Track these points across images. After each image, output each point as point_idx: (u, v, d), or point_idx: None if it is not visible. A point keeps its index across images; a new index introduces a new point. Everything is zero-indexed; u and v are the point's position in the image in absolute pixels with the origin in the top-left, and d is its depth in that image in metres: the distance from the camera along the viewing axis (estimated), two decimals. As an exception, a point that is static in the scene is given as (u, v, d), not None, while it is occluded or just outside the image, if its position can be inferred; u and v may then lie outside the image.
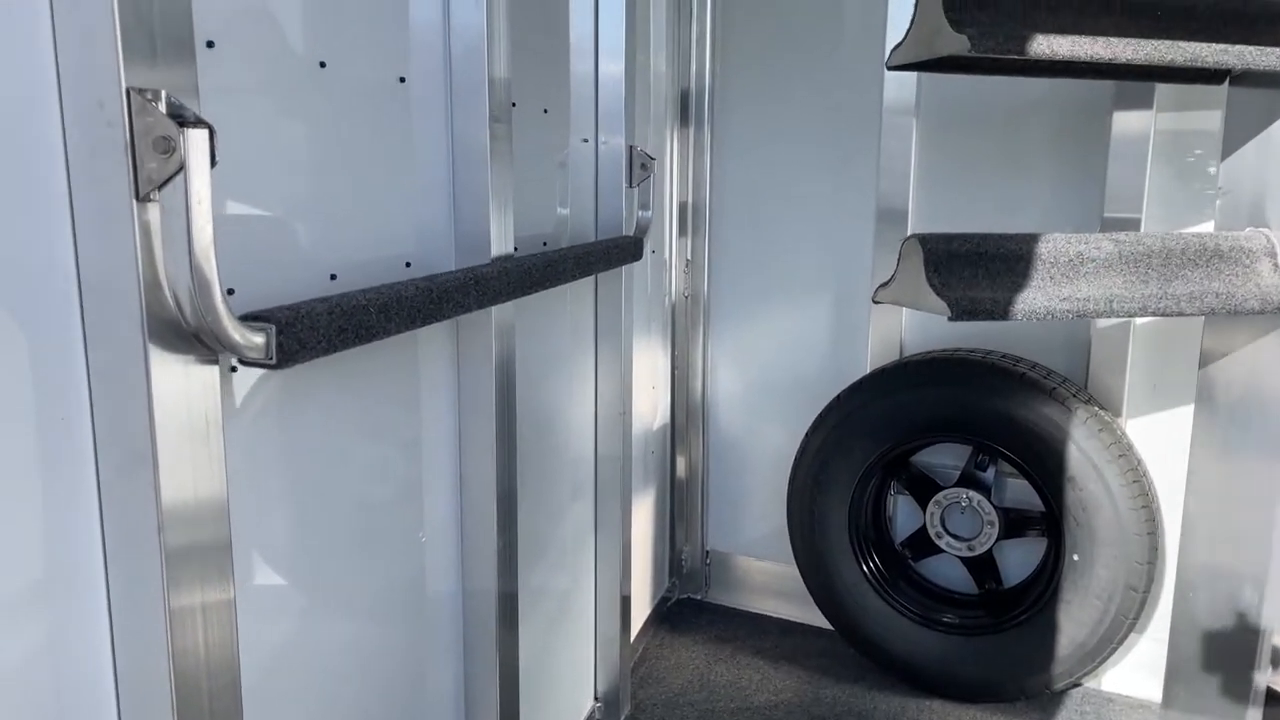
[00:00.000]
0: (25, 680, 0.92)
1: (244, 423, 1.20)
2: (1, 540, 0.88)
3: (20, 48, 0.87)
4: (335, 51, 1.30)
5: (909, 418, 2.65)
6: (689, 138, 3.15)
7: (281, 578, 1.30)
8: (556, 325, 2.21)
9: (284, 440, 1.28)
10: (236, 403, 1.19)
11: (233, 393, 1.18)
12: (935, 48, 1.86)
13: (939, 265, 1.92)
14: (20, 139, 0.88)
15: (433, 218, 1.58)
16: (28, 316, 0.90)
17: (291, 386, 1.28)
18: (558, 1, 2.14)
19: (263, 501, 1.25)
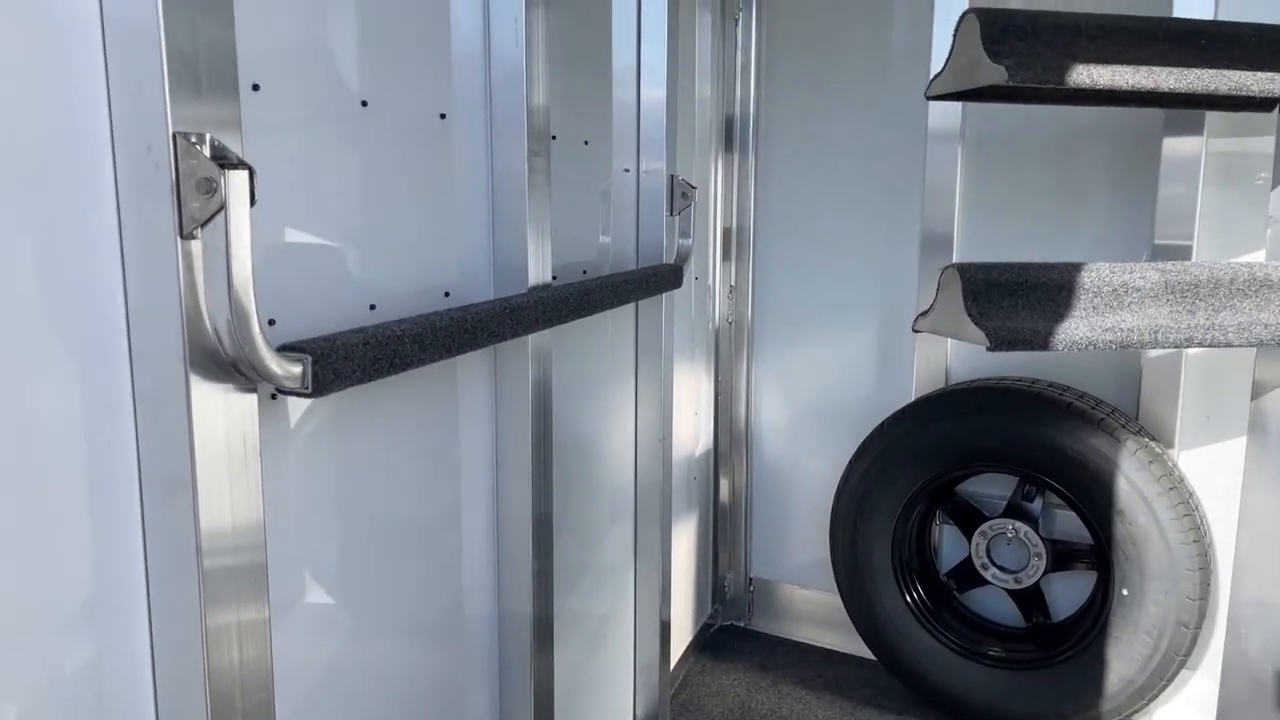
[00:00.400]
0: (70, 694, 0.96)
1: (285, 448, 1.24)
2: (49, 559, 0.93)
3: (78, 94, 0.93)
4: (377, 91, 1.35)
5: (953, 447, 2.62)
6: (733, 163, 3.17)
7: (318, 599, 1.33)
8: (596, 351, 2.24)
9: (324, 464, 1.32)
10: (278, 428, 1.23)
11: (276, 418, 1.22)
12: (974, 78, 1.86)
13: (978, 295, 1.91)
14: (77, 178, 0.93)
15: (472, 248, 1.63)
16: (79, 344, 0.95)
17: (333, 412, 1.33)
18: (600, 37, 2.19)
19: (303, 524, 1.29)
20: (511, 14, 1.59)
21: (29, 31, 0.89)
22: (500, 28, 1.60)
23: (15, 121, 0.88)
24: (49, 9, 0.90)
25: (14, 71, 0.88)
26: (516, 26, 1.59)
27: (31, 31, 0.89)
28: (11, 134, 0.88)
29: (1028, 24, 1.82)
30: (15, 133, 0.88)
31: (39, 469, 0.91)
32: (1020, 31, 1.82)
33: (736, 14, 3.08)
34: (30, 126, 0.89)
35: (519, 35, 1.59)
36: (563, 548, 2.07)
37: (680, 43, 2.73)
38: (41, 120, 0.90)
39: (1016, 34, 1.82)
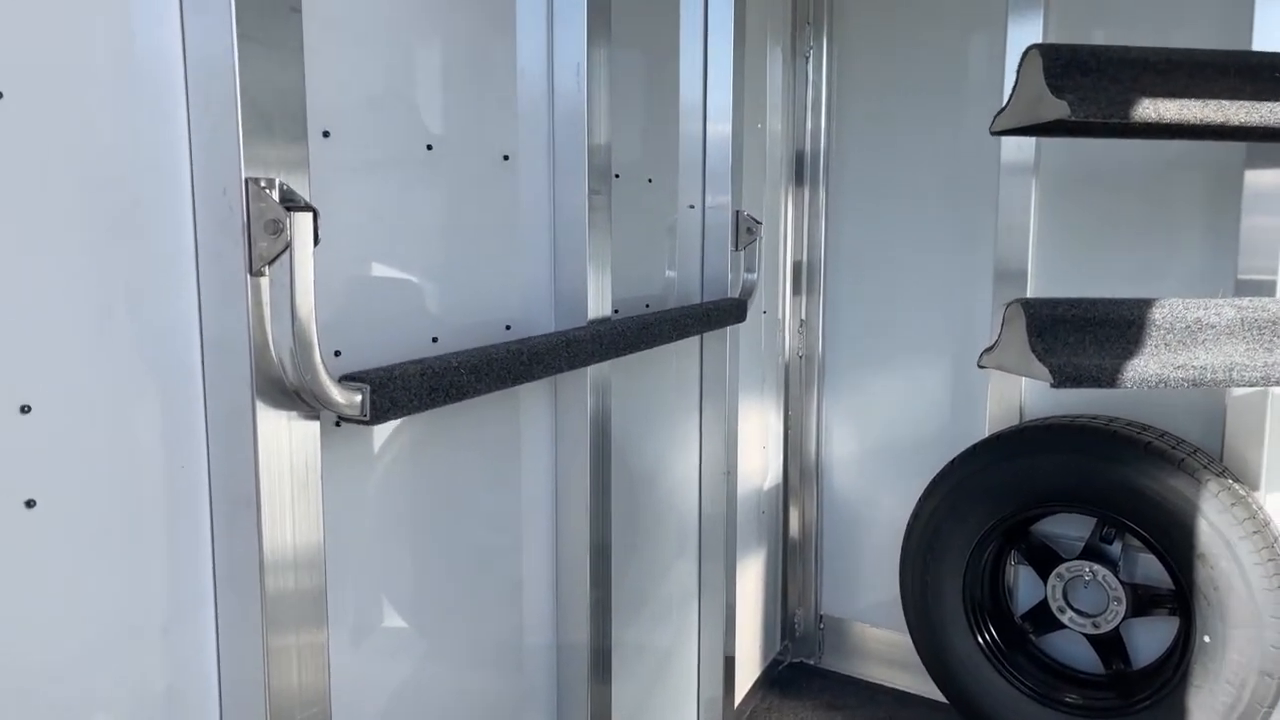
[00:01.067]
0: (143, 703, 1.03)
1: (353, 474, 1.31)
2: (127, 574, 1.00)
3: (164, 141, 1.02)
4: (441, 135, 1.43)
5: (1027, 486, 2.57)
6: (804, 198, 3.19)
7: (380, 621, 1.39)
8: (661, 384, 2.27)
9: (390, 491, 1.38)
10: (347, 454, 1.30)
11: (345, 445, 1.29)
12: (1037, 113, 1.86)
13: (1042, 330, 1.89)
14: (161, 218, 1.02)
15: (534, 283, 1.68)
16: (160, 371, 1.03)
17: (400, 441, 1.39)
18: (665, 77, 2.25)
19: (368, 548, 1.35)
20: (574, 60, 1.66)
21: (125, 83, 0.97)
22: (563, 73, 1.67)
23: (110, 166, 0.97)
24: (142, 63, 0.99)
25: (111, 120, 0.96)
26: (579, 72, 1.66)
27: (126, 84, 0.98)
28: (107, 176, 0.96)
29: (1092, 59, 1.81)
30: (110, 175, 0.97)
31: (121, 487, 0.99)
32: (1084, 66, 1.81)
33: (807, 50, 3.11)
34: (123, 170, 0.98)
35: (580, 80, 1.66)
36: (624, 579, 2.10)
37: (750, 79, 2.77)
38: (132, 165, 0.99)
39: (1080, 69, 1.81)
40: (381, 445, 1.37)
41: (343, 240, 1.26)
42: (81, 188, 0.94)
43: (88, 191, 0.95)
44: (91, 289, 0.96)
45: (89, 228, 0.95)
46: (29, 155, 0.89)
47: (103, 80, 0.96)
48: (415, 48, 1.38)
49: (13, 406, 0.88)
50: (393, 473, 1.40)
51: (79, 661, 0.96)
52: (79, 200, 0.94)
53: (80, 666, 0.96)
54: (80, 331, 0.94)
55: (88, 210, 0.95)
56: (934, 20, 2.95)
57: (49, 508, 0.91)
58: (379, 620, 1.39)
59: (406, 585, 1.44)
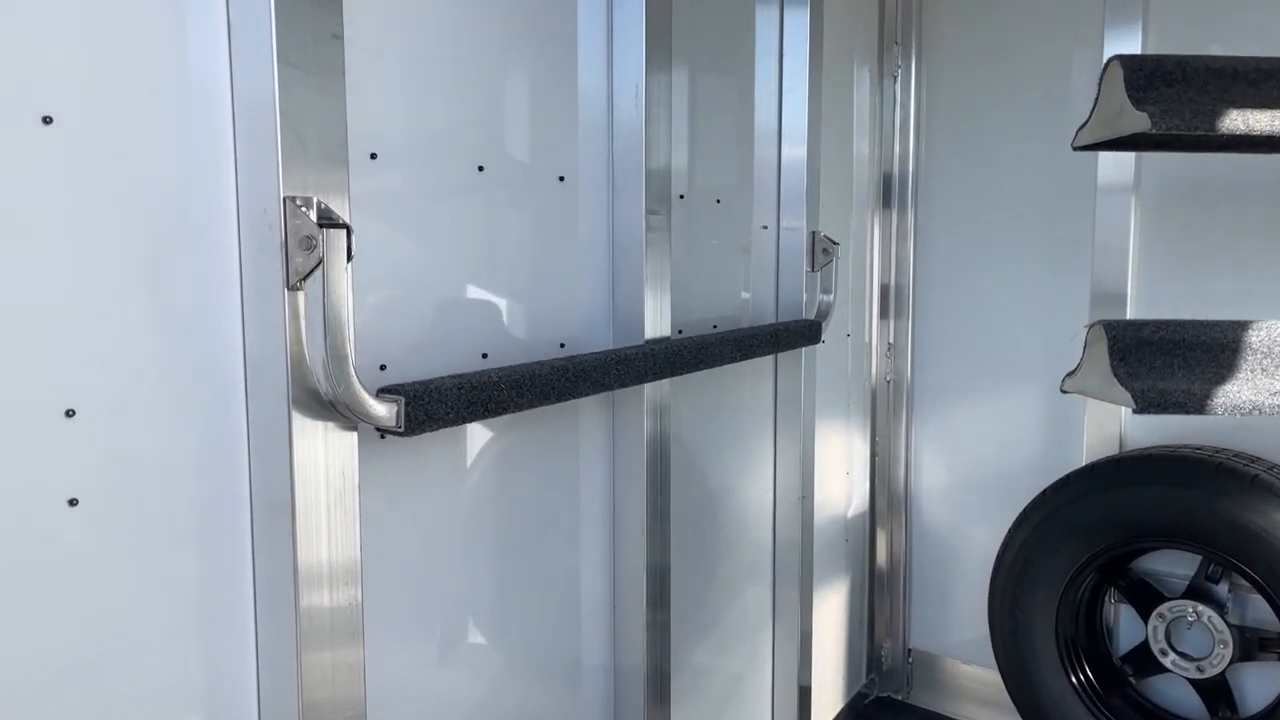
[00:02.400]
0: (179, 698, 1.08)
1: (403, 486, 1.34)
2: (163, 574, 1.05)
3: (211, 164, 1.08)
4: (493, 157, 1.46)
5: (1123, 520, 2.43)
6: (891, 219, 3.13)
7: (429, 636, 1.42)
8: (732, 405, 2.26)
9: (444, 504, 1.41)
10: (396, 466, 1.33)
11: (396, 458, 1.32)
12: (1118, 126, 1.78)
13: (1125, 354, 1.80)
14: (207, 236, 1.08)
15: (591, 303, 1.70)
16: (202, 380, 1.08)
17: (454, 453, 1.42)
18: (738, 99, 2.24)
19: (419, 559, 1.38)
20: (633, 82, 1.68)
21: (176, 108, 1.04)
22: (622, 94, 1.69)
23: (161, 186, 1.03)
24: (193, 90, 1.05)
25: (162, 144, 1.03)
26: (637, 94, 1.67)
27: (178, 109, 1.04)
28: (157, 195, 1.03)
29: (1177, 69, 1.72)
30: (160, 195, 1.03)
31: (162, 490, 1.04)
32: (1168, 77, 1.72)
33: (895, 70, 3.06)
34: (173, 189, 1.04)
35: (639, 102, 1.67)
36: (688, 601, 2.08)
37: (835, 100, 2.75)
38: (181, 185, 1.05)
39: (1164, 79, 1.73)
40: (437, 459, 1.40)
41: (390, 258, 1.30)
42: (133, 206, 1.01)
43: (138, 210, 1.01)
44: (139, 301, 1.02)
45: (139, 244, 1.01)
46: (83, 175, 0.96)
47: (155, 106, 1.02)
48: (469, 71, 1.42)
49: (58, 410, 0.94)
50: (448, 486, 1.43)
51: (117, 657, 1.01)
52: (130, 218, 1.00)
53: (118, 662, 1.02)
54: (127, 340, 1.01)
55: (138, 227, 1.01)
56: (1028, 37, 2.86)
57: (90, 507, 0.97)
58: (430, 634, 1.42)
59: (460, 599, 1.46)
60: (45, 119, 0.92)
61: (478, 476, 1.49)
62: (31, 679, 0.94)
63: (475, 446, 1.49)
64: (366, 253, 1.24)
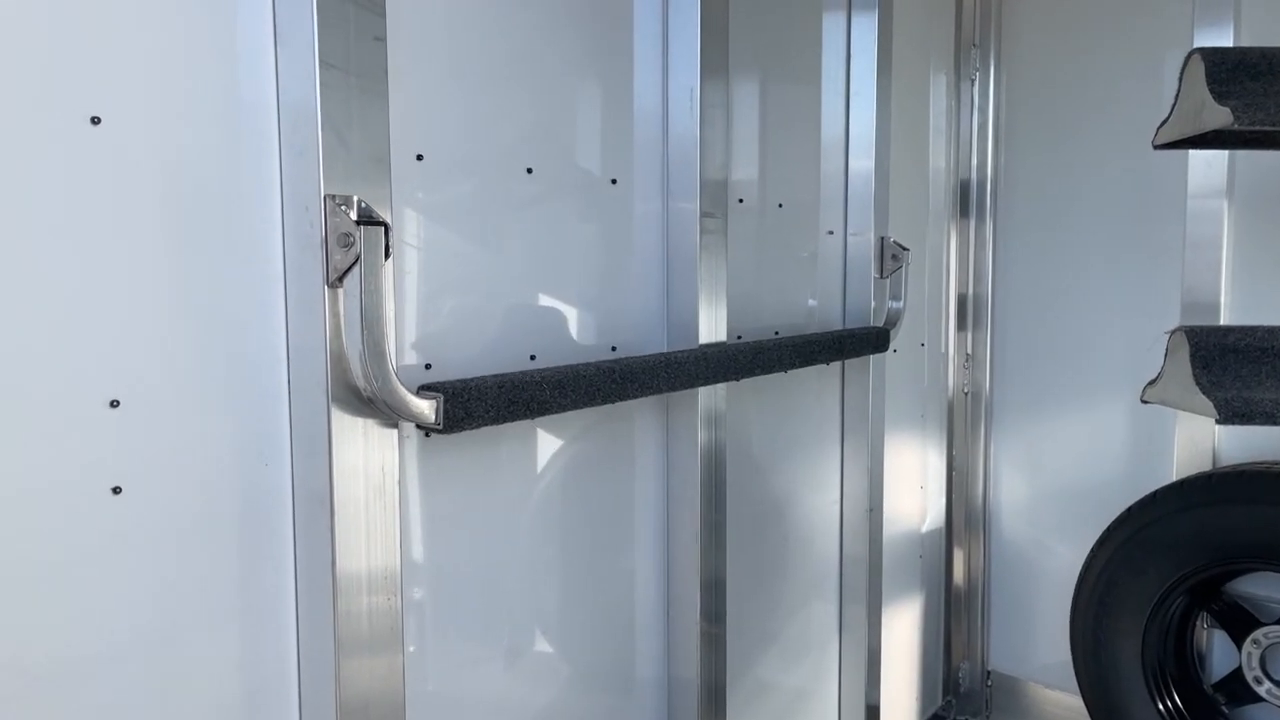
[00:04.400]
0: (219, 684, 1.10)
1: (454, 485, 1.35)
2: (205, 562, 1.08)
3: (258, 165, 1.11)
4: (542, 159, 1.47)
5: (1216, 540, 2.30)
6: (969, 227, 3.04)
7: (477, 636, 1.42)
8: (796, 413, 2.21)
9: (496, 505, 1.42)
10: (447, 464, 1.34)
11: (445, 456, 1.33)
12: (1200, 122, 1.70)
13: (1209, 362, 1.71)
14: (253, 234, 1.11)
15: (643, 307, 1.69)
16: (247, 374, 1.11)
17: (506, 454, 1.43)
18: (803, 103, 2.21)
19: (468, 561, 1.38)
20: (687, 85, 1.67)
21: (223, 109, 1.07)
22: (677, 98, 1.68)
23: (208, 184, 1.06)
24: (241, 92, 1.09)
25: (211, 145, 1.06)
26: (692, 97, 1.66)
27: (224, 109, 1.07)
28: (205, 194, 1.06)
29: (1262, 61, 1.63)
30: (208, 193, 1.06)
31: (204, 480, 1.07)
32: (1253, 70, 1.63)
33: (972, 74, 2.98)
34: (221, 188, 1.07)
35: (694, 105, 1.66)
36: (748, 614, 2.04)
37: (910, 105, 2.69)
38: (229, 184, 1.08)
39: (1249, 73, 1.64)
40: (490, 463, 1.41)
41: (437, 259, 1.31)
42: (179, 204, 1.04)
43: (185, 207, 1.04)
44: (184, 296, 1.05)
45: (184, 240, 1.04)
46: (130, 174, 0.99)
47: (202, 106, 1.05)
48: (518, 73, 1.43)
49: (102, 400, 0.97)
50: (500, 491, 1.43)
51: (158, 646, 1.04)
52: (176, 215, 1.04)
53: (159, 647, 1.04)
54: (171, 334, 1.04)
55: (184, 224, 1.04)
56: (1113, 36, 2.75)
57: (134, 495, 1.00)
58: (476, 637, 1.42)
59: (509, 605, 1.47)
60: (94, 119, 0.96)
61: (531, 480, 1.49)
62: (74, 664, 0.97)
63: (530, 450, 1.49)
64: (413, 253, 1.25)
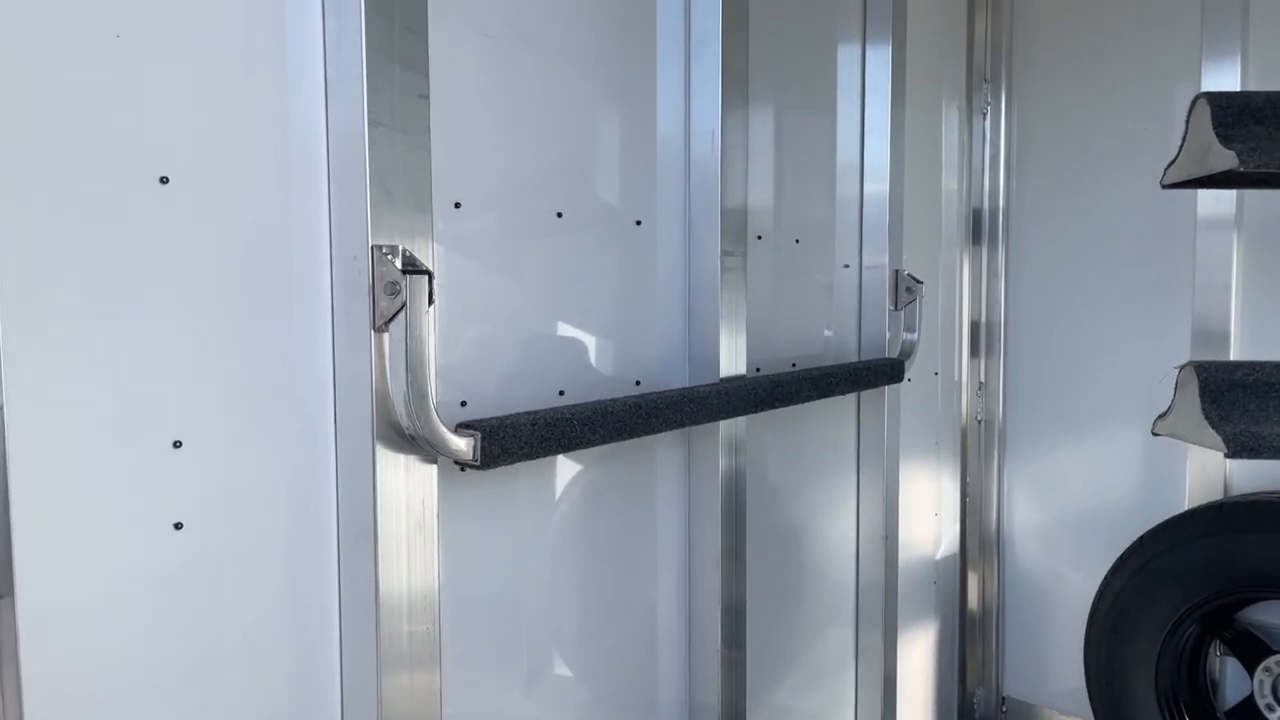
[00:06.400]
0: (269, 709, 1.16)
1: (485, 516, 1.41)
2: (258, 592, 1.14)
3: (308, 217, 1.17)
4: (571, 203, 1.53)
5: (1227, 569, 2.33)
6: (981, 256, 3.09)
7: (505, 662, 1.47)
8: (812, 443, 2.26)
9: (523, 535, 1.47)
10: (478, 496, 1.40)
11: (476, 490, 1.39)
12: (1207, 164, 1.75)
13: (1218, 396, 1.75)
14: (303, 281, 1.17)
15: (666, 342, 1.75)
16: (297, 414, 1.17)
17: (534, 486, 1.48)
18: (817, 140, 2.28)
19: (496, 589, 1.44)
20: (709, 127, 1.73)
21: (278, 166, 1.14)
22: (699, 139, 1.75)
23: (264, 236, 1.13)
24: (294, 149, 1.15)
25: (265, 199, 1.13)
26: (713, 140, 1.73)
27: (279, 166, 1.14)
28: (261, 245, 1.12)
29: (1267, 105, 1.68)
30: (263, 244, 1.13)
31: (258, 514, 1.13)
32: (1258, 114, 1.68)
33: (985, 107, 3.04)
34: (274, 240, 1.14)
35: (715, 146, 1.72)
36: (767, 640, 2.08)
37: (923, 138, 2.75)
38: (282, 236, 1.15)
39: (1254, 116, 1.69)
40: (517, 493, 1.47)
41: (472, 300, 1.38)
42: (237, 254, 1.10)
43: (242, 258, 1.11)
44: (242, 341, 1.11)
45: (242, 289, 1.11)
46: (194, 227, 1.06)
47: (259, 164, 1.12)
48: (549, 123, 1.50)
49: (166, 441, 1.04)
50: (528, 519, 1.49)
51: (213, 670, 1.10)
52: (235, 265, 1.10)
53: (213, 671, 1.10)
54: (230, 377, 1.10)
55: (242, 274, 1.11)
56: (1123, 71, 2.81)
57: (194, 530, 1.06)
58: (506, 662, 1.47)
59: (536, 631, 1.52)
60: (162, 179, 1.02)
61: (557, 510, 1.55)
62: (134, 690, 1.03)
63: (555, 480, 1.55)
64: (450, 294, 1.32)
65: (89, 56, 0.97)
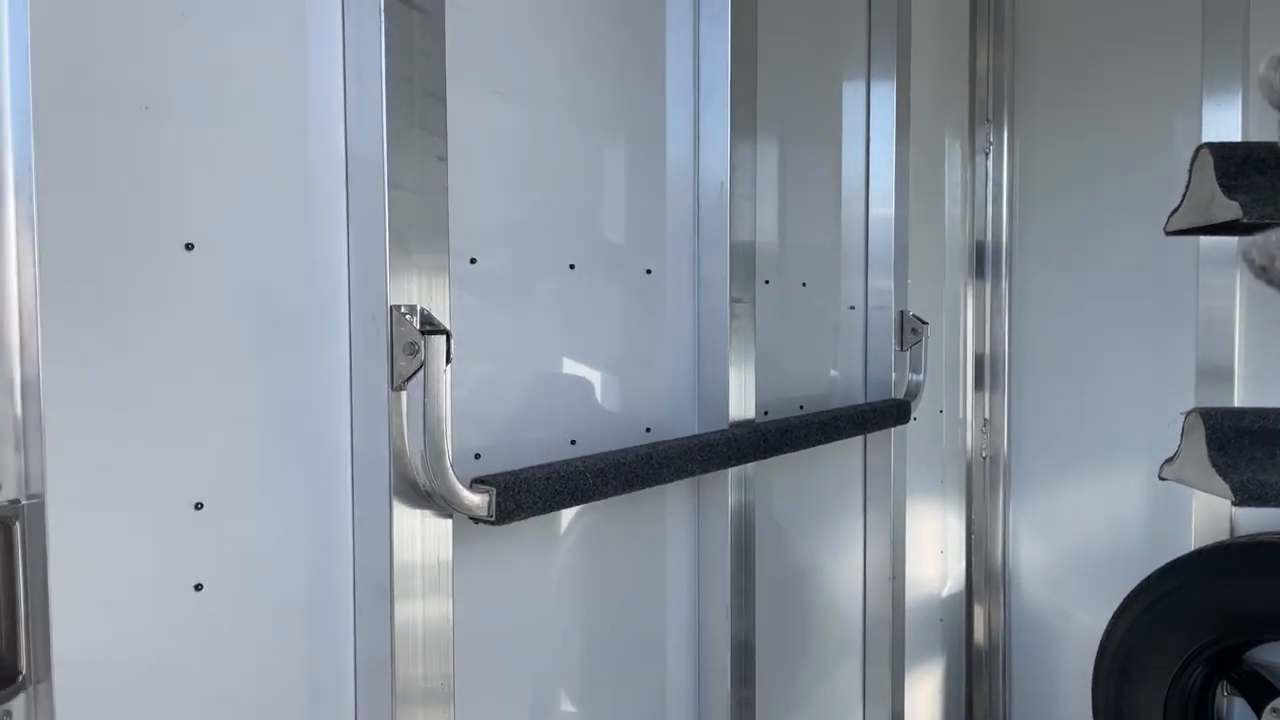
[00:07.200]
0: (286, 764, 1.16)
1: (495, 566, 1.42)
2: (276, 650, 1.15)
3: (328, 279, 1.19)
4: (584, 254, 1.56)
5: (1233, 610, 2.33)
6: (984, 291, 3.10)
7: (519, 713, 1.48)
8: (820, 483, 2.27)
9: (533, 583, 1.48)
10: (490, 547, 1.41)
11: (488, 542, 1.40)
12: (1210, 214, 1.77)
13: (1224, 443, 1.77)
14: (323, 343, 1.19)
15: (676, 389, 1.76)
16: (315, 473, 1.18)
17: (545, 534, 1.50)
18: (821, 180, 2.30)
19: (508, 639, 1.45)
20: (718, 179, 1.75)
21: (299, 229, 1.16)
22: (707, 190, 1.77)
23: (285, 298, 1.15)
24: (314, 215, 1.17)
25: (286, 261, 1.15)
26: (722, 190, 1.75)
27: (299, 229, 1.16)
28: (282, 308, 1.14)
29: (1270, 156, 1.71)
30: (284, 307, 1.15)
31: (277, 574, 1.14)
32: (1260, 164, 1.71)
33: (986, 147, 3.07)
34: (295, 302, 1.16)
35: (724, 198, 1.75)
36: (776, 679, 2.09)
37: (926, 176, 2.78)
38: (302, 297, 1.16)
39: (1256, 167, 1.71)
40: (528, 538, 1.48)
41: (486, 353, 1.39)
42: (259, 318, 1.12)
43: (264, 321, 1.13)
44: (262, 401, 1.13)
45: (263, 351, 1.13)
46: (216, 292, 1.08)
47: (280, 228, 1.14)
48: (563, 179, 1.52)
49: (188, 503, 1.05)
50: (539, 565, 1.50)
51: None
52: (257, 329, 1.12)
53: (235, 730, 1.11)
54: (250, 438, 1.11)
55: (263, 337, 1.13)
56: (1125, 108, 2.84)
57: (213, 591, 1.07)
58: (519, 709, 1.48)
59: (548, 675, 1.52)
60: (187, 245, 1.04)
61: (567, 555, 1.56)
62: (157, 747, 1.03)
63: (565, 525, 1.56)
64: (466, 347, 1.33)
65: (121, 127, 0.99)
